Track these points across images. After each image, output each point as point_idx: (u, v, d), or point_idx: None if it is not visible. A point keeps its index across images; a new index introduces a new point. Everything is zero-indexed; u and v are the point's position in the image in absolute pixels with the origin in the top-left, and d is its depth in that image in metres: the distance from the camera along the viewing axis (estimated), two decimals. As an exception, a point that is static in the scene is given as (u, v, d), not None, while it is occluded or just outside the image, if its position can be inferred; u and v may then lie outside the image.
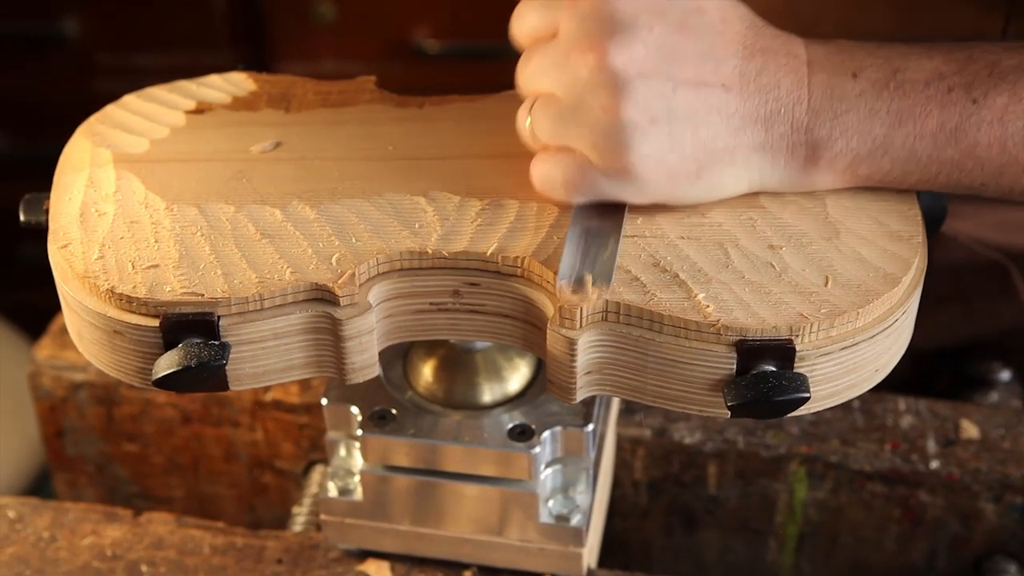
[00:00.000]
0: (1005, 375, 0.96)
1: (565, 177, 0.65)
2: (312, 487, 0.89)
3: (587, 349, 0.63)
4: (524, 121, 0.67)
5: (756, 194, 0.67)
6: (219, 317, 0.63)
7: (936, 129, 0.64)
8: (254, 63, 1.63)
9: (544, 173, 0.66)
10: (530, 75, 0.66)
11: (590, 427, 0.74)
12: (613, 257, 0.63)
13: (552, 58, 0.64)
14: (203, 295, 0.63)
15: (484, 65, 1.68)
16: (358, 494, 0.77)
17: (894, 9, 0.83)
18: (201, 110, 0.76)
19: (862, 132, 0.64)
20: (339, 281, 0.63)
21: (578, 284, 0.61)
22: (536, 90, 0.66)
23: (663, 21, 0.62)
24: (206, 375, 0.62)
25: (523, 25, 0.66)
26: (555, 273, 0.63)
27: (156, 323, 0.63)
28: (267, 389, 0.89)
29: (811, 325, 0.61)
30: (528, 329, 0.66)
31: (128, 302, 0.63)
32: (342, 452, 0.78)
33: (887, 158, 0.65)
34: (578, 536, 0.76)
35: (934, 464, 0.84)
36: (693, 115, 0.62)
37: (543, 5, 0.65)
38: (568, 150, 0.65)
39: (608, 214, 0.65)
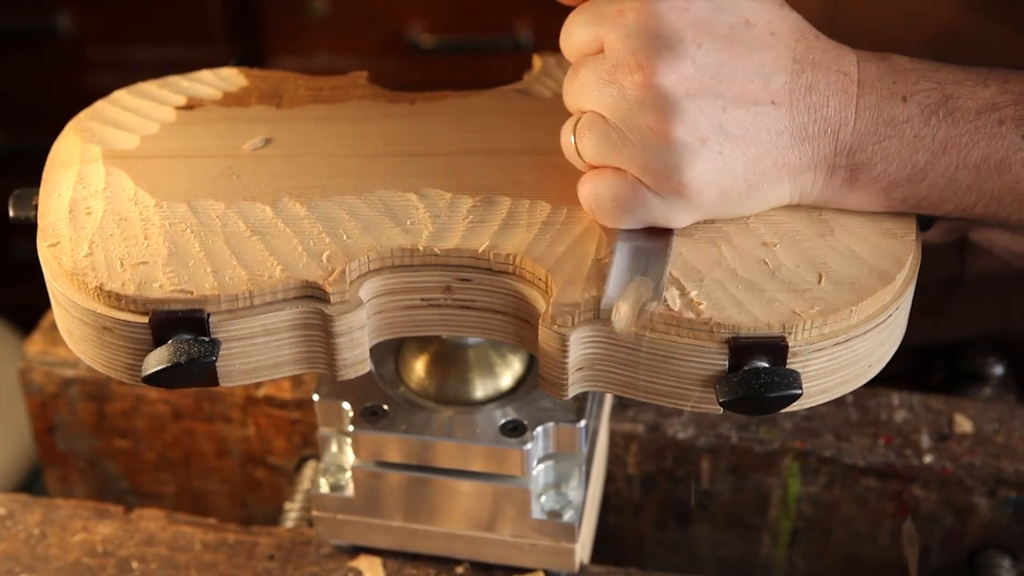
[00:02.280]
0: (999, 369, 0.96)
1: (616, 198, 0.63)
2: (304, 483, 0.89)
3: (579, 345, 0.62)
4: (569, 138, 0.65)
5: None
6: (209, 314, 0.62)
7: (980, 160, 0.63)
8: (248, 58, 1.63)
9: (593, 193, 0.64)
10: (576, 92, 0.64)
11: (582, 423, 0.74)
12: (663, 275, 0.62)
13: (598, 75, 0.62)
14: (192, 292, 0.62)
15: (479, 60, 1.67)
16: (350, 490, 0.77)
17: (938, 41, 0.82)
18: (192, 106, 0.76)
19: (903, 158, 0.63)
20: (329, 279, 0.63)
21: (626, 305, 0.61)
22: (581, 107, 0.64)
23: (711, 36, 0.61)
24: (196, 371, 0.62)
25: (570, 39, 0.64)
26: (548, 271, 0.63)
27: (145, 320, 0.62)
28: (259, 385, 0.89)
29: (804, 323, 0.60)
30: (520, 325, 0.66)
31: (117, 299, 0.63)
32: (334, 448, 0.78)
33: (924, 184, 0.64)
34: (570, 532, 0.75)
35: (928, 459, 0.84)
36: (744, 133, 0.61)
37: (589, 19, 0.63)
38: (618, 170, 0.63)
39: (656, 234, 0.65)
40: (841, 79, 0.63)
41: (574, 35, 0.64)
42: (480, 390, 0.76)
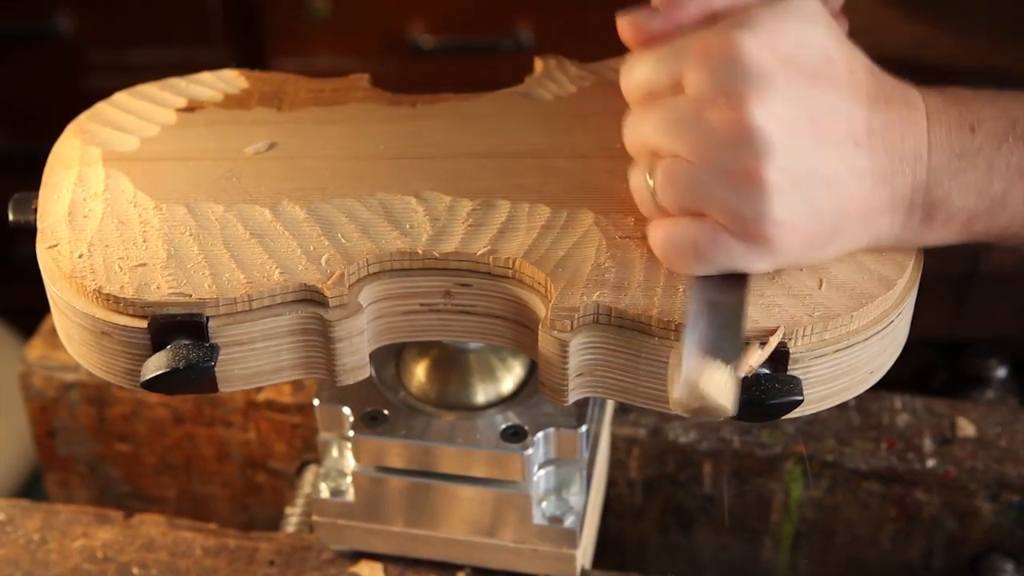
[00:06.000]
0: (1002, 372, 0.96)
1: (697, 247, 0.60)
2: (305, 487, 0.88)
3: (579, 351, 0.62)
4: (643, 183, 0.62)
5: None
6: (207, 318, 0.62)
7: None
8: (249, 59, 1.63)
9: (670, 240, 0.61)
10: (649, 134, 0.60)
11: (583, 428, 0.73)
12: (740, 335, 0.59)
13: (680, 116, 0.59)
14: (191, 296, 0.62)
15: (480, 60, 1.67)
16: (350, 495, 0.77)
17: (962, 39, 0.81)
18: (192, 108, 0.75)
19: (980, 190, 0.61)
20: (328, 282, 0.63)
21: (708, 365, 0.57)
22: (658, 149, 0.60)
23: (800, 73, 0.58)
24: (195, 377, 0.62)
25: (635, 79, 0.62)
26: (547, 276, 0.62)
27: (144, 324, 0.62)
28: (260, 389, 0.89)
29: (804, 328, 0.60)
30: (519, 330, 0.65)
31: (115, 303, 0.63)
32: (334, 453, 0.78)
33: (1006, 215, 0.62)
34: (571, 537, 0.75)
35: (930, 463, 0.84)
36: (830, 176, 0.58)
37: (661, 57, 0.60)
38: (698, 216, 0.60)
39: (730, 287, 0.61)
40: (912, 113, 0.60)
41: (643, 74, 0.61)
42: (481, 395, 0.76)
